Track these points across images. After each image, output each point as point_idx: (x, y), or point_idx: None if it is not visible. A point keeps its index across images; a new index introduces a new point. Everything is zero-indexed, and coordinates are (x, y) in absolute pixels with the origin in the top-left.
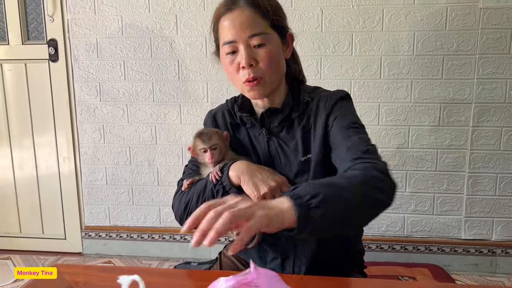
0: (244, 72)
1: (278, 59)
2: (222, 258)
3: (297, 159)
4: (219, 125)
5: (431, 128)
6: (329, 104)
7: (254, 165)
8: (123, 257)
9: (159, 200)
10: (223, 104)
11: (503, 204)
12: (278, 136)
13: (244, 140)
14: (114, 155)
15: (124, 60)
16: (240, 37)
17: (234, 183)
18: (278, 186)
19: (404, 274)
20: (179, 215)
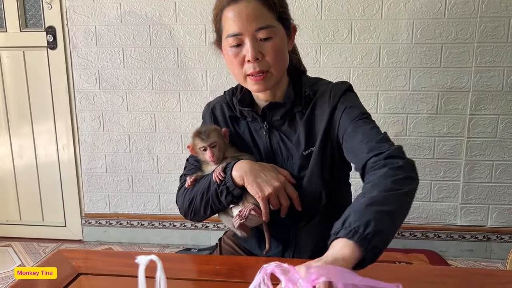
0: (249, 66)
1: (283, 52)
2: (222, 245)
3: (299, 153)
4: (218, 119)
5: (429, 116)
6: (334, 98)
7: (257, 164)
8: (123, 244)
9: (159, 188)
10: (221, 97)
11: (498, 191)
12: (280, 130)
13: (244, 133)
14: (113, 143)
15: (123, 47)
16: (246, 30)
17: (238, 183)
18: (282, 186)
19: (401, 260)
20: (183, 211)
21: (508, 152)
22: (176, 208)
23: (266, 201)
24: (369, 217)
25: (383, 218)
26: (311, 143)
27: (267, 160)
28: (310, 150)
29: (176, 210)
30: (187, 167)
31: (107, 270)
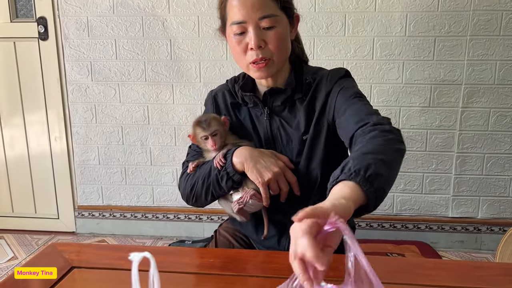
0: (252, 53)
1: (286, 41)
2: (218, 237)
3: (299, 138)
4: (219, 105)
5: (421, 109)
6: (330, 83)
7: (257, 151)
8: (116, 236)
9: (152, 180)
10: (223, 85)
11: (489, 183)
12: (280, 115)
13: (245, 119)
14: (106, 135)
15: (115, 39)
16: (250, 18)
17: (238, 169)
18: (281, 171)
19: (392, 251)
20: (185, 196)
21: (499, 144)
22: (170, 200)
23: (266, 186)
24: (368, 161)
25: (382, 164)
26: (309, 128)
27: (267, 145)
28: (308, 136)
29: (169, 202)
30: (189, 154)
31: (100, 263)
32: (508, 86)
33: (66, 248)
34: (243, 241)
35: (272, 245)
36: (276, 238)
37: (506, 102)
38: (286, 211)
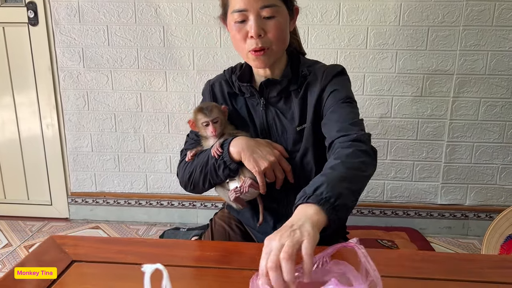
0: (252, 42)
1: (285, 31)
2: (213, 225)
3: (293, 128)
4: (217, 95)
5: (413, 99)
6: (326, 79)
7: (253, 140)
8: (110, 222)
9: (145, 167)
10: (220, 75)
11: (477, 171)
12: (276, 106)
13: (241, 109)
14: (99, 122)
15: (107, 25)
16: (251, 6)
17: (235, 158)
18: (277, 160)
19: (383, 238)
20: (183, 184)
21: (488, 134)
22: (163, 187)
23: (263, 175)
24: (340, 190)
25: (350, 195)
26: (303, 120)
27: (263, 135)
28: (303, 126)
29: (163, 189)
30: (187, 142)
31: (100, 257)
32: (499, 76)
33: (64, 241)
34: (238, 229)
35: (267, 231)
36: (271, 224)
37: (496, 92)
38: (280, 199)
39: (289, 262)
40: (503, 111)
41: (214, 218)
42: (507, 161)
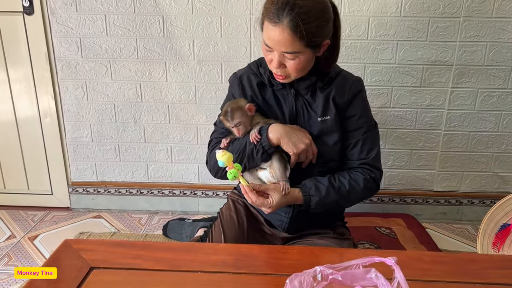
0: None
1: (305, 66)
2: (222, 217)
3: (317, 118)
4: (245, 87)
5: (412, 89)
6: (352, 92)
7: (288, 127)
8: (112, 211)
9: (146, 157)
10: (246, 68)
11: (472, 159)
12: (304, 97)
13: (269, 99)
14: (98, 113)
15: (105, 14)
16: (276, 49)
17: (274, 143)
18: (310, 143)
19: (381, 225)
20: (215, 169)
21: (484, 123)
22: (164, 176)
23: (298, 156)
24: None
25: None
26: (325, 113)
27: (291, 120)
28: (324, 118)
29: (164, 178)
30: (216, 131)
31: (119, 263)
32: (496, 67)
33: (80, 246)
34: (246, 218)
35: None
36: None
37: (494, 82)
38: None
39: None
40: (499, 101)
41: (222, 210)
42: (501, 149)
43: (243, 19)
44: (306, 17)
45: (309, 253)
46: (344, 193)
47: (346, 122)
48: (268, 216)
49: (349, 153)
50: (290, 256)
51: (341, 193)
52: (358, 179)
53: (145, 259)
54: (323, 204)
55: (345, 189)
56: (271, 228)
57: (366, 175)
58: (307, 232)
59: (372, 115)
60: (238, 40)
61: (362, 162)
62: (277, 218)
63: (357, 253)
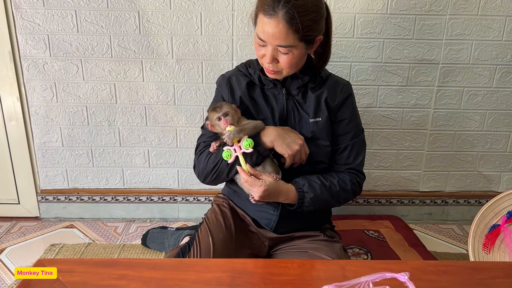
0: (266, 62)
1: (298, 61)
2: (208, 221)
3: (309, 119)
4: (234, 87)
5: (398, 88)
6: (344, 95)
7: (280, 129)
8: (85, 220)
9: (121, 162)
10: (234, 70)
11: (458, 158)
12: (295, 98)
13: (259, 99)
14: (69, 115)
15: (75, 9)
16: (270, 42)
17: (268, 146)
18: (303, 144)
19: (369, 228)
20: (204, 174)
21: (469, 122)
22: (142, 182)
23: (293, 157)
24: (318, 205)
25: (324, 205)
26: (317, 114)
27: (281, 121)
28: (316, 119)
29: (141, 184)
30: (204, 135)
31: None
32: (482, 66)
33: (57, 267)
34: (233, 219)
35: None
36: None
37: (479, 81)
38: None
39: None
40: (484, 100)
41: (206, 215)
42: (485, 148)
43: (225, 16)
44: (302, 9)
45: (309, 267)
46: (334, 192)
47: (336, 125)
48: (256, 215)
49: (337, 157)
50: (290, 271)
51: (332, 192)
52: (346, 180)
53: (131, 280)
54: (315, 202)
55: (336, 188)
56: (258, 228)
57: (352, 178)
58: (296, 234)
59: (360, 121)
60: (219, 37)
61: (349, 167)
62: (265, 217)
63: (360, 265)
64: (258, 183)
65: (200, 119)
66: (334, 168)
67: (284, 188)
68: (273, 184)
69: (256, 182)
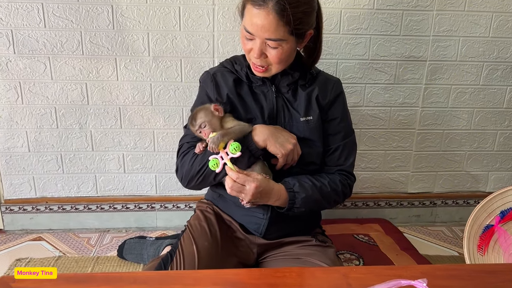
0: (254, 57)
1: (288, 56)
2: (191, 228)
3: (299, 118)
4: (220, 84)
5: (386, 86)
6: (335, 92)
7: (272, 127)
8: (55, 231)
9: (94, 167)
10: (219, 66)
11: (446, 158)
12: (284, 95)
13: (247, 96)
14: (36, 118)
15: (42, 2)
16: (258, 35)
17: (261, 146)
18: (296, 143)
19: (358, 232)
20: (189, 178)
21: (457, 121)
22: (116, 189)
23: (286, 157)
24: (309, 206)
25: (315, 206)
26: (308, 113)
27: (270, 120)
28: (307, 118)
29: (116, 191)
30: (188, 135)
31: None
32: (469, 63)
33: (23, 285)
34: (217, 225)
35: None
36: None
37: (466, 78)
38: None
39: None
40: (471, 98)
41: (189, 222)
42: (473, 147)
43: (205, 10)
44: (294, 0)
45: (309, 276)
46: (325, 193)
47: (327, 124)
48: (243, 220)
49: (327, 158)
50: (289, 281)
51: (323, 192)
52: (336, 182)
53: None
54: (307, 203)
55: (327, 189)
56: (246, 234)
57: (343, 180)
58: (286, 240)
59: (351, 121)
60: (199, 33)
61: (340, 169)
62: (253, 221)
63: (363, 272)
64: (249, 179)
65: (179, 120)
66: (324, 169)
67: (276, 186)
68: (265, 181)
69: (248, 178)
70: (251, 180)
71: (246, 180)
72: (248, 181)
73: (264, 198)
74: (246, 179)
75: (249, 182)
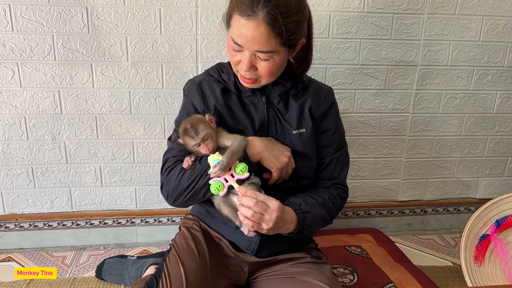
0: (242, 69)
1: (279, 68)
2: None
3: (292, 130)
4: (206, 94)
5: (376, 92)
6: (328, 102)
7: (265, 140)
8: (26, 250)
9: (68, 181)
10: (205, 75)
11: (437, 165)
12: (276, 106)
13: (236, 107)
14: (4, 129)
15: (9, 4)
16: (247, 47)
17: (255, 159)
18: (291, 156)
19: (350, 244)
20: (175, 195)
21: (448, 126)
22: (93, 204)
23: (281, 171)
24: (317, 225)
25: (321, 224)
26: (300, 125)
27: (261, 131)
28: (299, 131)
29: (93, 205)
30: (173, 149)
31: None
32: (460, 68)
33: None
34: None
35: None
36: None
37: (457, 83)
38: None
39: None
40: (462, 103)
41: (174, 241)
42: (464, 153)
43: (187, 12)
44: (285, 10)
45: None
46: (329, 209)
47: (320, 136)
48: (233, 237)
49: (321, 171)
50: None
51: (327, 208)
52: (335, 196)
53: None
54: (315, 221)
55: (329, 204)
56: (236, 251)
57: (340, 193)
58: (279, 258)
59: (344, 130)
60: (181, 37)
61: (335, 182)
62: (244, 238)
63: None
64: (269, 207)
65: (160, 129)
66: (319, 183)
67: (287, 210)
68: (281, 207)
69: (268, 206)
70: (272, 209)
71: (266, 209)
72: (268, 209)
73: (282, 228)
74: (266, 208)
75: (269, 211)
